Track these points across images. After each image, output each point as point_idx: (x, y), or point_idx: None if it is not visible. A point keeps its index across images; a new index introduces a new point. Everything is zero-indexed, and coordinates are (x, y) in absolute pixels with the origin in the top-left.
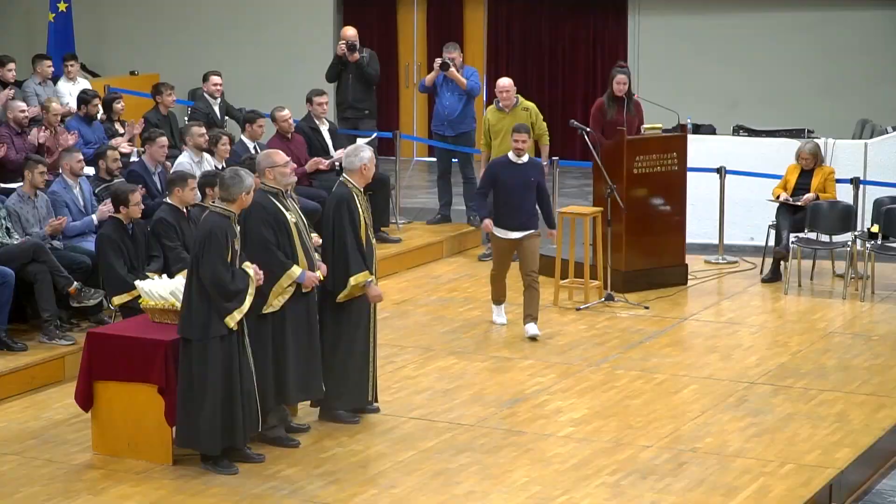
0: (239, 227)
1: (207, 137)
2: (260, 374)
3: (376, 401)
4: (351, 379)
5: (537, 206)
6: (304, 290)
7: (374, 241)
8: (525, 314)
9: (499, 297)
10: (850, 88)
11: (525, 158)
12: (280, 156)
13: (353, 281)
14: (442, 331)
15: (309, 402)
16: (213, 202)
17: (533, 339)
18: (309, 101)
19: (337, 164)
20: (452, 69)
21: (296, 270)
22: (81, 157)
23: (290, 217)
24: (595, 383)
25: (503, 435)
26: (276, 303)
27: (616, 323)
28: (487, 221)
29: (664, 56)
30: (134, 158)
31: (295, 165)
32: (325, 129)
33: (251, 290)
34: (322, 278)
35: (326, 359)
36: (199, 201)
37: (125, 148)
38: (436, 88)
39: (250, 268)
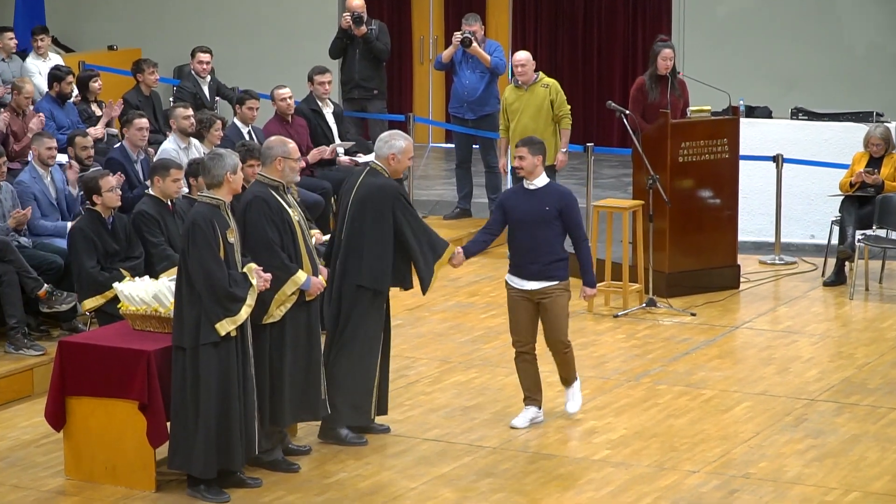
0: (234, 219)
1: (194, 121)
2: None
3: (384, 412)
4: (355, 393)
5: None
6: (307, 299)
7: None
8: (561, 378)
9: (528, 387)
10: None
11: (539, 182)
12: (295, 148)
13: (437, 268)
14: (461, 340)
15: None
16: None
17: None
18: (310, 79)
19: (340, 151)
20: (474, 44)
21: (301, 276)
22: (54, 143)
23: (294, 214)
24: (634, 400)
25: (530, 459)
26: (277, 312)
27: (658, 332)
28: (459, 249)
29: (713, 29)
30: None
31: (303, 163)
32: (328, 111)
33: (250, 301)
34: (325, 284)
35: (327, 370)
36: (184, 193)
37: (95, 132)
38: (454, 66)
39: (254, 272)
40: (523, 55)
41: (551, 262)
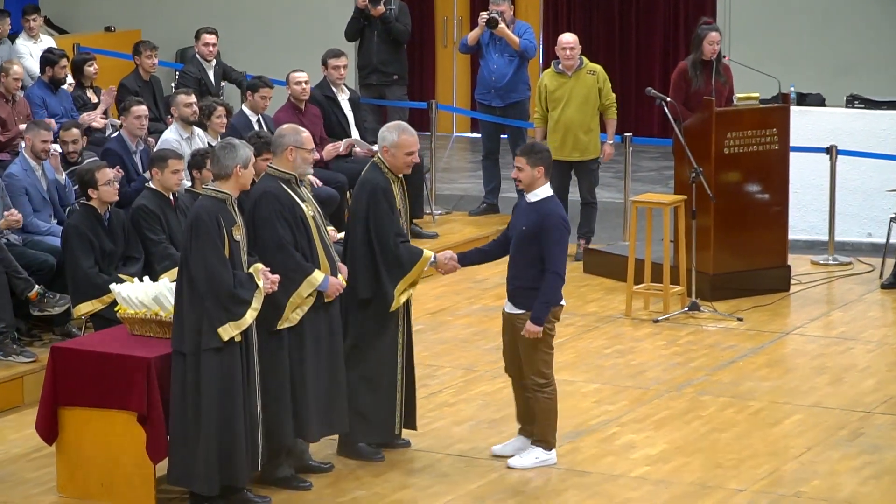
0: (241, 216)
1: (197, 108)
2: (272, 402)
3: (413, 426)
4: (375, 405)
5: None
6: (326, 300)
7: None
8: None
9: (519, 415)
10: None
11: (534, 197)
12: (309, 138)
13: (402, 285)
14: (487, 347)
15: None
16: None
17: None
18: (324, 63)
19: (355, 146)
20: (502, 25)
21: (318, 276)
22: (50, 135)
23: (307, 209)
24: (676, 412)
25: (563, 475)
26: (293, 316)
27: (702, 338)
28: (450, 254)
29: (761, 9)
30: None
31: (317, 156)
32: (343, 98)
33: (256, 304)
34: (345, 283)
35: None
36: (187, 186)
37: (97, 122)
38: (480, 48)
39: (261, 273)
40: (570, 38)
41: (520, 288)
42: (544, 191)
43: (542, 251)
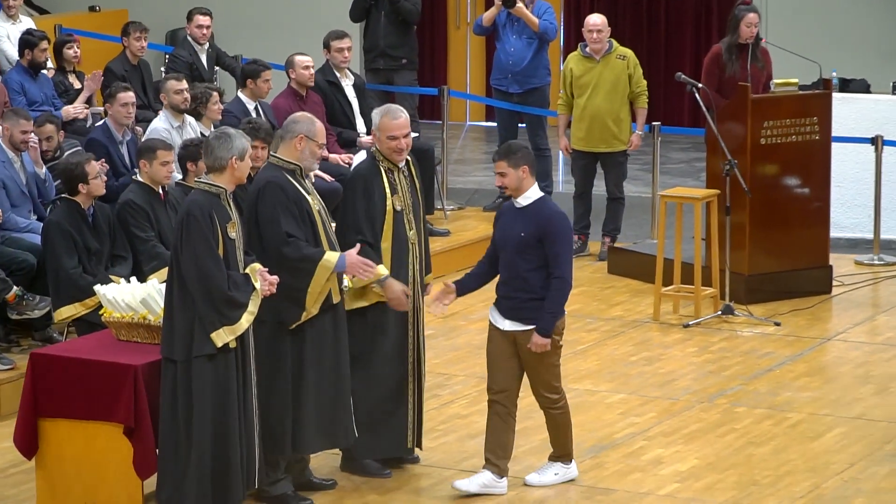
0: (237, 212)
1: (188, 95)
2: (273, 409)
3: (418, 446)
4: (381, 417)
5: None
6: (347, 281)
7: (410, 233)
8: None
9: (490, 446)
10: None
11: (525, 200)
12: (323, 131)
13: (350, 283)
14: None
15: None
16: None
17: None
18: (326, 46)
19: (363, 137)
20: (520, 5)
21: (331, 257)
22: (31, 125)
23: (313, 203)
24: (708, 425)
25: (585, 493)
26: (314, 309)
27: (736, 344)
28: (451, 285)
29: None
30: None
31: (325, 153)
32: (347, 83)
33: (252, 308)
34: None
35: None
36: (178, 179)
37: (73, 109)
38: (496, 30)
39: (258, 273)
40: (598, 19)
41: (527, 301)
42: (534, 192)
43: (547, 256)
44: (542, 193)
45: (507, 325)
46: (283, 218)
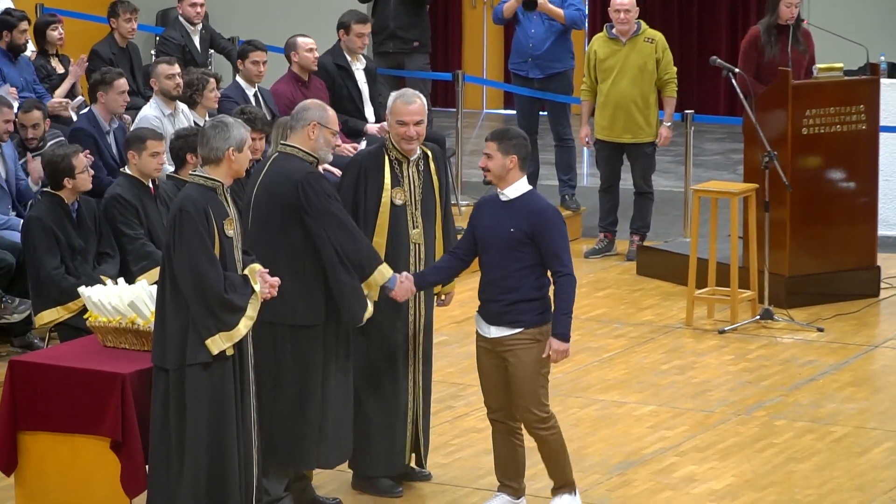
0: (235, 208)
1: (180, 80)
2: (294, 414)
3: (420, 465)
4: (381, 431)
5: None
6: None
7: (413, 231)
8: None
9: (500, 467)
10: None
11: (511, 192)
12: (335, 118)
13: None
14: None
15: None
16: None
17: None
18: (345, 27)
19: (373, 127)
20: (542, 0)
21: (386, 270)
22: (12, 111)
23: None
24: (745, 439)
25: None
26: (371, 308)
27: (776, 352)
28: (406, 276)
29: None
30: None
31: (339, 142)
32: (358, 68)
33: (251, 312)
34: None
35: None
36: (169, 172)
37: (67, 112)
38: (516, 12)
39: (258, 274)
40: None
41: (515, 303)
42: (522, 185)
43: (544, 255)
44: (530, 187)
45: (493, 331)
46: (333, 204)
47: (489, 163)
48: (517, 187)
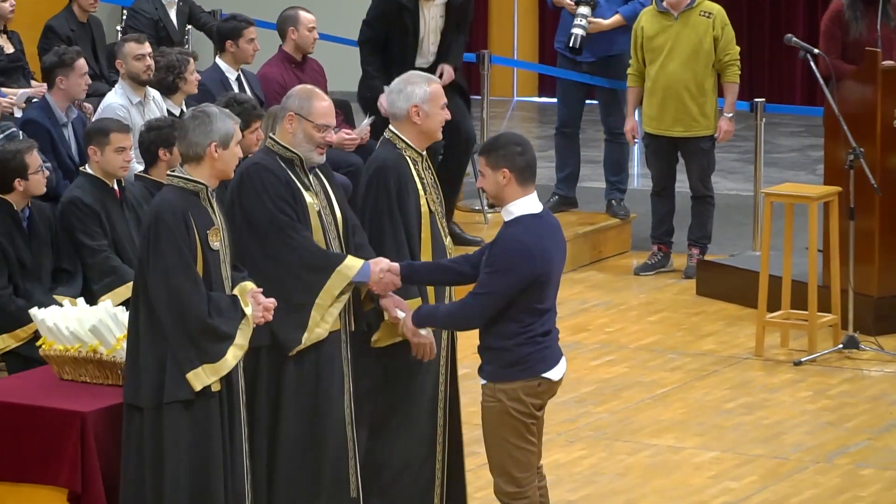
0: (221, 216)
1: (151, 62)
2: (290, 459)
3: None
4: (405, 475)
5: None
6: (373, 290)
7: (446, 241)
8: None
9: None
10: None
11: (510, 213)
12: (325, 111)
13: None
14: (561, 400)
15: None
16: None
17: None
18: None
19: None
20: (595, 20)
21: (352, 263)
22: None
23: (313, 202)
24: (826, 491)
25: None
26: (319, 331)
27: (862, 387)
28: (388, 265)
29: None
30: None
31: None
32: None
33: (241, 340)
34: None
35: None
36: (137, 171)
37: (9, 101)
38: None
39: (249, 295)
40: None
41: (482, 349)
42: (521, 206)
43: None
44: (532, 210)
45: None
46: (275, 206)
47: (483, 182)
48: (513, 209)
